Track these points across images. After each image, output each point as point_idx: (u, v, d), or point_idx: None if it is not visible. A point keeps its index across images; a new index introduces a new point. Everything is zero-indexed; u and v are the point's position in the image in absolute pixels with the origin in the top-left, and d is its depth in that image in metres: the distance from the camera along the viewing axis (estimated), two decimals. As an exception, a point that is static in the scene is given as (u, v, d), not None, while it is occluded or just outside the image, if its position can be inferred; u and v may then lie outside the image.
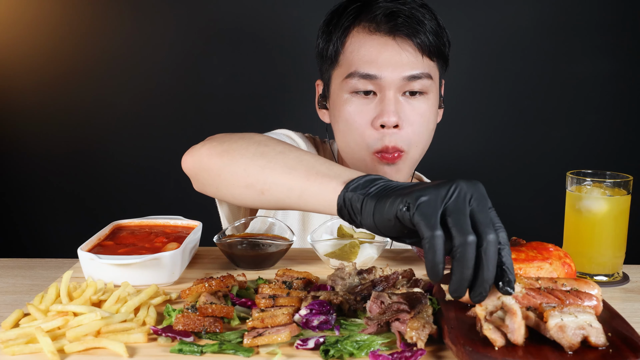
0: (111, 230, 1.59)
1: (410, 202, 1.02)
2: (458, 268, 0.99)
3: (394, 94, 1.66)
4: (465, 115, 3.00)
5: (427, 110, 1.71)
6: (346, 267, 1.37)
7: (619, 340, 1.07)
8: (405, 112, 1.68)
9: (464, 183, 1.03)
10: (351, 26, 1.70)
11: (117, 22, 3.02)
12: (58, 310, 1.20)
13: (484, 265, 0.99)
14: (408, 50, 1.66)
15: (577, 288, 1.19)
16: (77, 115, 3.08)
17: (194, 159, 1.46)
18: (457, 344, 1.04)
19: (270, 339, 1.09)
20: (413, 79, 1.66)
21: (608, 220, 1.48)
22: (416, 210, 1.00)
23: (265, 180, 1.31)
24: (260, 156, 1.33)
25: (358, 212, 1.13)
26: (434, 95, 1.74)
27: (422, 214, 1.00)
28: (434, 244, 0.99)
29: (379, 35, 1.67)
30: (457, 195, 1.01)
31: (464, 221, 0.99)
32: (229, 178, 1.37)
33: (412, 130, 1.69)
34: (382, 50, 1.66)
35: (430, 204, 1.00)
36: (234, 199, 1.41)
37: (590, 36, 2.92)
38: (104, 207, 3.13)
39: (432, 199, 1.01)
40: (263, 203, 1.35)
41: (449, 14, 2.92)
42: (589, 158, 2.97)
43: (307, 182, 1.24)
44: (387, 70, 1.65)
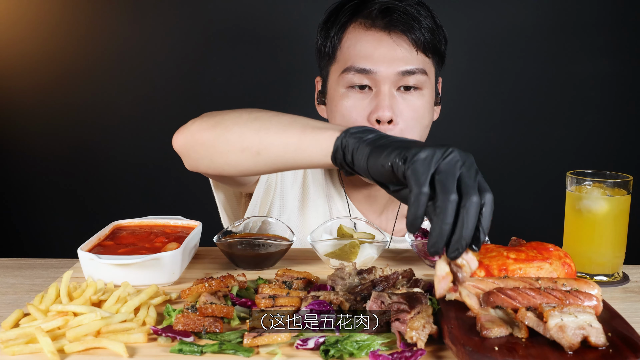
0: (111, 230, 1.59)
1: (408, 156, 1.08)
2: (437, 223, 1.03)
3: (389, 88, 1.68)
4: (466, 115, 3.00)
5: (421, 106, 1.72)
6: (346, 267, 1.37)
7: (619, 340, 1.07)
8: (399, 107, 1.69)
9: (458, 150, 1.09)
10: (348, 22, 1.73)
11: (117, 22, 3.02)
12: (58, 310, 1.20)
13: (464, 224, 1.03)
14: (403, 45, 1.68)
15: (577, 288, 1.19)
16: (77, 115, 3.08)
17: (185, 136, 1.48)
18: (457, 344, 1.04)
19: (270, 339, 1.09)
20: (408, 74, 1.68)
21: (608, 220, 1.48)
22: (411, 165, 1.06)
23: (260, 141, 1.34)
24: (254, 120, 1.37)
25: (354, 152, 1.17)
26: (429, 91, 1.75)
27: (415, 170, 1.05)
28: (419, 199, 1.04)
29: (375, 30, 1.69)
30: (450, 159, 1.07)
31: (451, 182, 1.04)
32: (224, 146, 1.40)
33: (406, 126, 1.71)
34: (377, 46, 1.68)
35: (424, 162, 1.06)
36: (228, 167, 1.42)
37: (590, 36, 2.92)
38: (104, 207, 3.13)
39: (428, 158, 1.07)
40: (258, 165, 1.38)
41: (449, 14, 2.93)
42: (589, 158, 2.97)
43: (303, 135, 1.28)
44: (383, 65, 1.67)
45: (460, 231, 1.04)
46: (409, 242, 1.58)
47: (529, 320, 1.08)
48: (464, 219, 1.03)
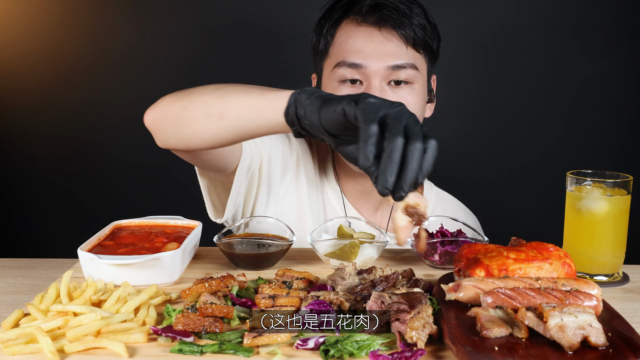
0: (111, 230, 1.59)
1: (359, 99, 1.16)
2: (384, 164, 1.11)
3: (380, 82, 1.72)
4: (465, 115, 3.00)
5: (412, 100, 1.75)
6: (346, 267, 1.37)
7: (619, 340, 1.07)
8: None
9: (405, 106, 1.18)
10: (341, 19, 1.77)
11: (117, 22, 3.02)
12: (58, 310, 1.20)
13: (409, 165, 1.11)
14: (393, 41, 1.72)
15: (577, 288, 1.19)
16: (78, 115, 3.08)
17: (155, 111, 1.55)
18: (457, 344, 1.04)
19: (270, 339, 1.09)
20: (398, 69, 1.72)
21: (608, 220, 1.48)
22: (362, 106, 1.14)
23: (223, 106, 1.41)
24: (218, 89, 1.45)
25: (307, 106, 1.25)
26: (420, 86, 1.78)
27: (366, 110, 1.13)
28: (369, 135, 1.12)
29: (366, 26, 1.73)
30: (399, 109, 1.15)
31: (399, 127, 1.12)
32: (190, 114, 1.46)
33: None
34: (368, 41, 1.72)
35: (375, 105, 1.15)
36: (196, 136, 1.47)
37: (590, 36, 2.92)
38: (104, 207, 3.12)
39: (378, 102, 1.15)
40: (222, 130, 1.43)
41: (449, 14, 2.93)
42: (589, 158, 2.97)
43: (262, 96, 1.35)
44: (373, 60, 1.71)
45: (406, 172, 1.11)
46: (409, 242, 1.58)
47: (529, 320, 1.08)
48: (408, 160, 1.11)
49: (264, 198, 1.87)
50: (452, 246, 1.53)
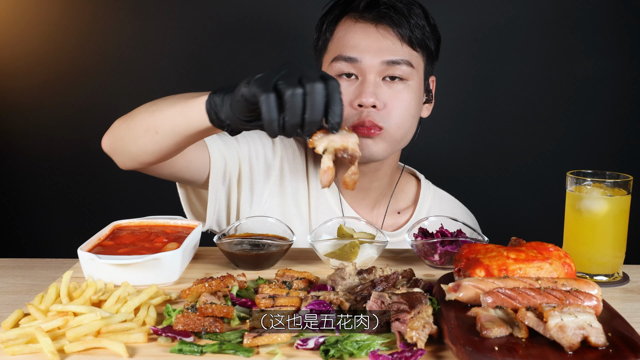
0: (111, 230, 1.59)
1: (250, 79, 1.22)
2: (288, 112, 1.18)
3: (374, 77, 1.75)
4: (465, 115, 3.00)
5: (407, 97, 1.77)
6: (346, 267, 1.37)
7: (619, 340, 1.07)
8: (384, 94, 1.75)
9: (297, 62, 1.23)
10: (340, 16, 1.82)
11: (117, 22, 3.01)
12: (58, 310, 1.20)
13: (308, 109, 1.17)
14: (388, 37, 1.76)
15: (577, 288, 1.19)
16: (77, 115, 3.07)
17: (108, 137, 1.66)
18: (457, 344, 1.04)
19: (270, 339, 1.09)
20: (392, 64, 1.75)
21: (608, 220, 1.48)
22: (253, 82, 1.20)
23: (155, 120, 1.50)
24: (152, 105, 1.54)
25: (220, 105, 1.32)
26: (416, 84, 1.80)
27: (258, 83, 1.19)
28: (268, 102, 1.17)
29: (363, 23, 1.78)
30: (289, 68, 1.21)
31: (292, 80, 1.17)
32: (132, 133, 1.56)
33: (390, 112, 1.75)
34: (364, 37, 1.76)
35: (264, 77, 1.21)
36: (142, 152, 1.56)
37: (591, 36, 2.92)
38: (104, 207, 3.12)
39: (267, 74, 1.21)
40: (160, 143, 1.52)
41: (449, 13, 2.93)
42: (589, 158, 2.97)
43: (185, 106, 1.42)
44: (368, 55, 1.74)
45: (310, 113, 1.17)
46: (409, 242, 1.58)
47: (529, 320, 1.08)
48: (307, 105, 1.17)
49: (247, 201, 1.89)
50: (452, 246, 1.53)
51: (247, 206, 1.88)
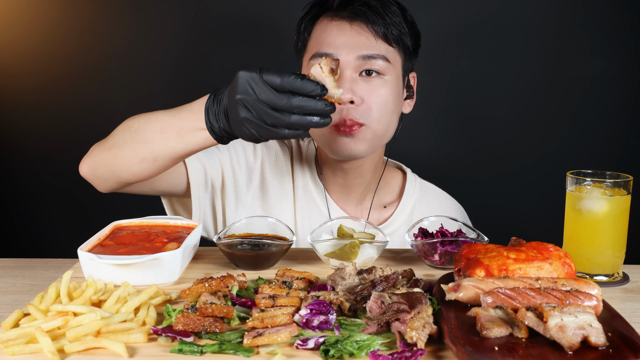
0: (111, 230, 1.58)
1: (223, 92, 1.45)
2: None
3: (351, 73, 1.77)
4: (465, 115, 3.00)
5: (384, 91, 1.79)
6: (346, 267, 1.37)
7: (619, 340, 1.07)
8: (363, 90, 1.77)
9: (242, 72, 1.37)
10: (316, 16, 1.86)
11: (117, 22, 3.01)
12: (58, 310, 1.20)
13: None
14: (363, 33, 1.78)
15: (577, 288, 1.19)
16: (77, 115, 3.07)
17: (87, 164, 1.70)
18: (457, 344, 1.04)
19: (270, 339, 1.09)
20: (368, 59, 1.77)
21: (608, 220, 1.47)
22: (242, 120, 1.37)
23: (151, 151, 1.55)
24: (135, 134, 1.57)
25: (218, 123, 1.45)
26: (393, 79, 1.82)
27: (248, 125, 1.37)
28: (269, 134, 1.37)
29: (338, 20, 1.81)
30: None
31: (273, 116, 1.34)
32: (123, 162, 1.59)
33: (369, 107, 1.78)
34: (339, 34, 1.79)
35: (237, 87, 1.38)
36: (136, 176, 1.62)
37: (591, 36, 2.92)
38: (104, 207, 3.12)
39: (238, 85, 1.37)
40: (159, 166, 1.58)
41: (450, 13, 2.93)
42: (589, 158, 2.97)
43: (181, 129, 1.50)
44: (344, 51, 1.77)
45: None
46: (409, 242, 1.58)
47: (529, 320, 1.08)
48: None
49: (233, 206, 1.93)
50: (452, 246, 1.53)
51: (233, 211, 1.92)
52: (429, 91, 2.99)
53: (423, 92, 2.98)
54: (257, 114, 1.34)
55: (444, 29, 2.65)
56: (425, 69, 2.96)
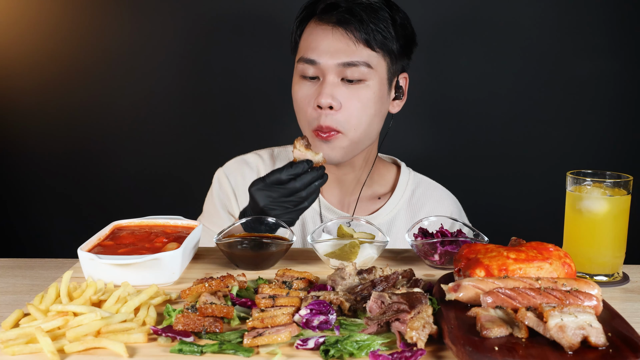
0: (111, 230, 1.58)
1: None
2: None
3: (333, 78, 1.80)
4: (465, 114, 3.00)
5: (365, 97, 1.82)
6: (346, 267, 1.37)
7: (619, 340, 1.07)
8: (343, 95, 1.80)
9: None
10: (306, 19, 1.89)
11: (117, 22, 3.01)
12: (58, 310, 1.19)
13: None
14: (343, 40, 1.80)
15: (577, 288, 1.19)
16: (77, 115, 3.07)
17: None
18: (457, 344, 1.04)
19: (270, 339, 1.09)
20: (349, 66, 1.79)
21: (608, 220, 1.47)
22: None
23: None
24: None
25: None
26: (376, 83, 1.83)
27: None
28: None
29: (323, 25, 1.83)
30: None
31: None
32: None
33: (349, 113, 1.81)
34: (322, 39, 1.82)
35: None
36: None
37: (592, 36, 2.92)
38: (104, 207, 3.12)
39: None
40: None
41: (451, 13, 2.92)
42: (589, 158, 2.97)
43: None
44: (325, 57, 1.80)
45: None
46: (409, 242, 1.58)
47: (529, 320, 1.08)
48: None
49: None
50: (452, 246, 1.53)
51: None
52: (429, 89, 2.99)
53: (423, 91, 2.98)
54: (281, 206, 1.62)
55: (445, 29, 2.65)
56: (426, 66, 2.96)
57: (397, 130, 3.00)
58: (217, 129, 3.07)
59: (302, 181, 1.61)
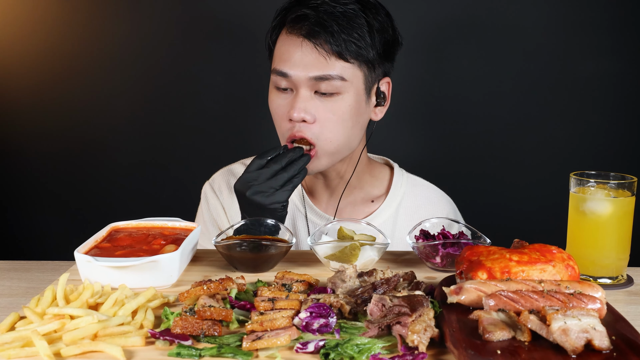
0: (108, 232, 1.57)
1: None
2: None
3: (306, 91, 1.76)
4: (468, 115, 3.00)
5: (339, 109, 1.77)
6: (346, 269, 1.36)
7: (623, 343, 1.06)
8: (317, 109, 1.76)
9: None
10: (280, 26, 1.83)
11: (115, 22, 3.01)
12: (54, 313, 1.19)
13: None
14: (314, 53, 1.74)
15: (580, 291, 1.19)
16: (75, 116, 3.07)
17: None
18: (459, 348, 1.04)
19: (269, 342, 1.08)
20: (321, 80, 1.74)
21: (612, 222, 1.46)
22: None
23: None
24: None
25: None
26: (352, 95, 1.78)
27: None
28: None
29: (294, 36, 1.77)
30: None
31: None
32: None
33: (323, 126, 1.77)
34: (293, 51, 1.76)
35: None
36: None
37: (597, 35, 2.91)
38: (101, 208, 3.12)
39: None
40: None
41: (451, 12, 2.92)
42: (593, 159, 2.97)
43: None
44: (297, 70, 1.74)
45: None
46: (410, 244, 1.57)
47: (531, 323, 1.08)
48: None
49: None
50: (454, 248, 1.52)
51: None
52: (430, 91, 2.98)
53: (425, 92, 2.98)
54: (267, 190, 1.65)
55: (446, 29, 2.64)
56: (427, 67, 2.96)
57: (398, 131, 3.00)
58: (216, 130, 3.07)
59: (280, 162, 1.66)
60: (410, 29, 2.91)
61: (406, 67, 2.90)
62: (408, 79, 2.93)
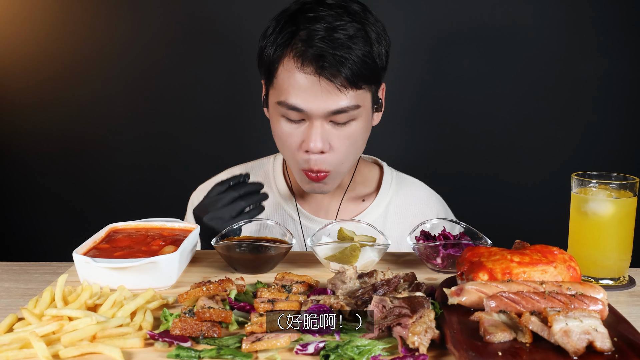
0: (107, 233, 1.57)
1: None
2: None
3: (321, 122, 1.72)
4: (469, 116, 2.99)
5: (355, 132, 1.76)
6: (347, 270, 1.36)
7: (624, 345, 1.05)
8: (332, 138, 1.73)
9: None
10: (284, 52, 1.72)
11: (115, 22, 3.01)
12: (53, 315, 1.18)
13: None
14: (331, 89, 1.68)
15: (582, 292, 1.18)
16: (74, 117, 3.07)
17: None
18: (460, 349, 1.03)
19: (269, 344, 1.08)
20: (338, 113, 1.70)
21: (614, 222, 1.46)
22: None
23: None
24: None
25: None
26: (363, 116, 1.76)
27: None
28: None
29: (306, 72, 1.68)
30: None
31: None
32: None
33: (339, 152, 1.75)
34: (307, 88, 1.68)
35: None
36: None
37: (597, 35, 2.91)
38: (100, 209, 3.11)
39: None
40: None
41: (452, 12, 2.92)
42: (595, 159, 2.96)
43: None
44: (313, 105, 1.68)
45: None
46: (411, 245, 1.56)
47: (533, 324, 1.07)
48: None
49: None
50: (455, 249, 1.52)
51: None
52: (430, 91, 2.98)
53: (425, 92, 2.97)
54: (224, 214, 1.67)
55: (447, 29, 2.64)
56: (428, 68, 2.96)
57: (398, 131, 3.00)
58: (216, 130, 3.06)
59: (239, 190, 1.68)
60: (411, 29, 2.91)
61: (407, 68, 2.91)
62: (408, 80, 2.93)
